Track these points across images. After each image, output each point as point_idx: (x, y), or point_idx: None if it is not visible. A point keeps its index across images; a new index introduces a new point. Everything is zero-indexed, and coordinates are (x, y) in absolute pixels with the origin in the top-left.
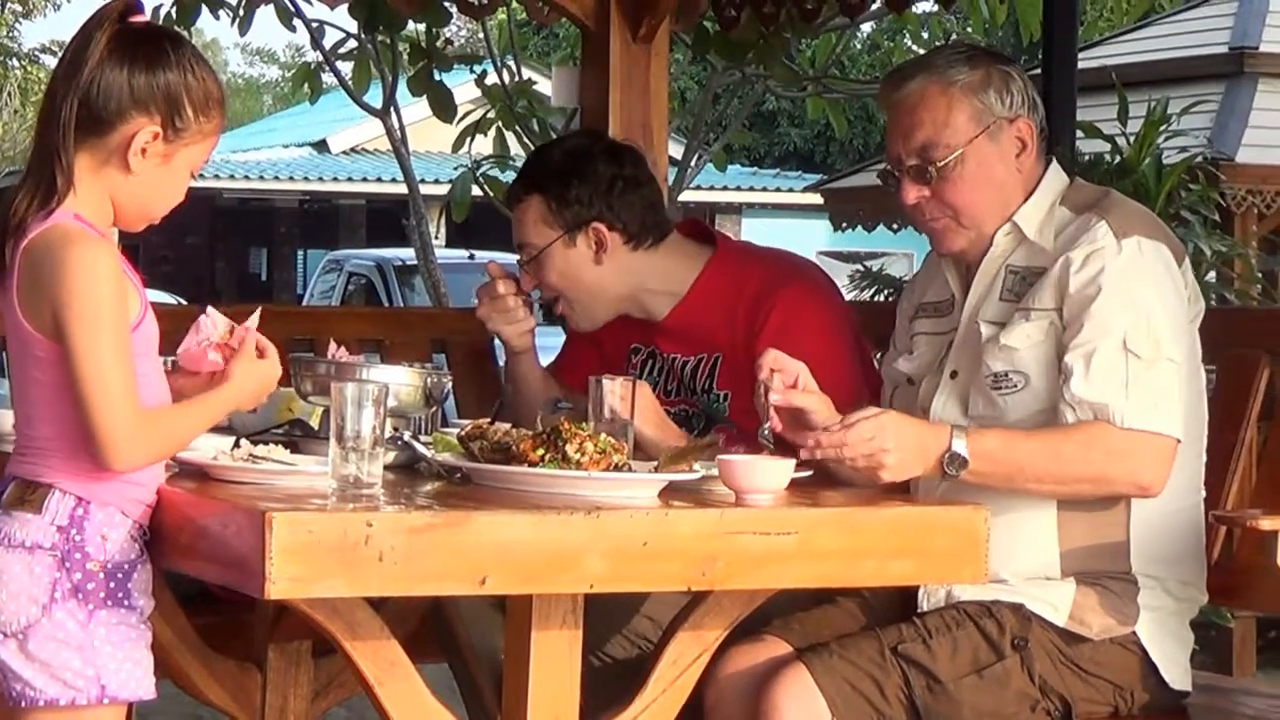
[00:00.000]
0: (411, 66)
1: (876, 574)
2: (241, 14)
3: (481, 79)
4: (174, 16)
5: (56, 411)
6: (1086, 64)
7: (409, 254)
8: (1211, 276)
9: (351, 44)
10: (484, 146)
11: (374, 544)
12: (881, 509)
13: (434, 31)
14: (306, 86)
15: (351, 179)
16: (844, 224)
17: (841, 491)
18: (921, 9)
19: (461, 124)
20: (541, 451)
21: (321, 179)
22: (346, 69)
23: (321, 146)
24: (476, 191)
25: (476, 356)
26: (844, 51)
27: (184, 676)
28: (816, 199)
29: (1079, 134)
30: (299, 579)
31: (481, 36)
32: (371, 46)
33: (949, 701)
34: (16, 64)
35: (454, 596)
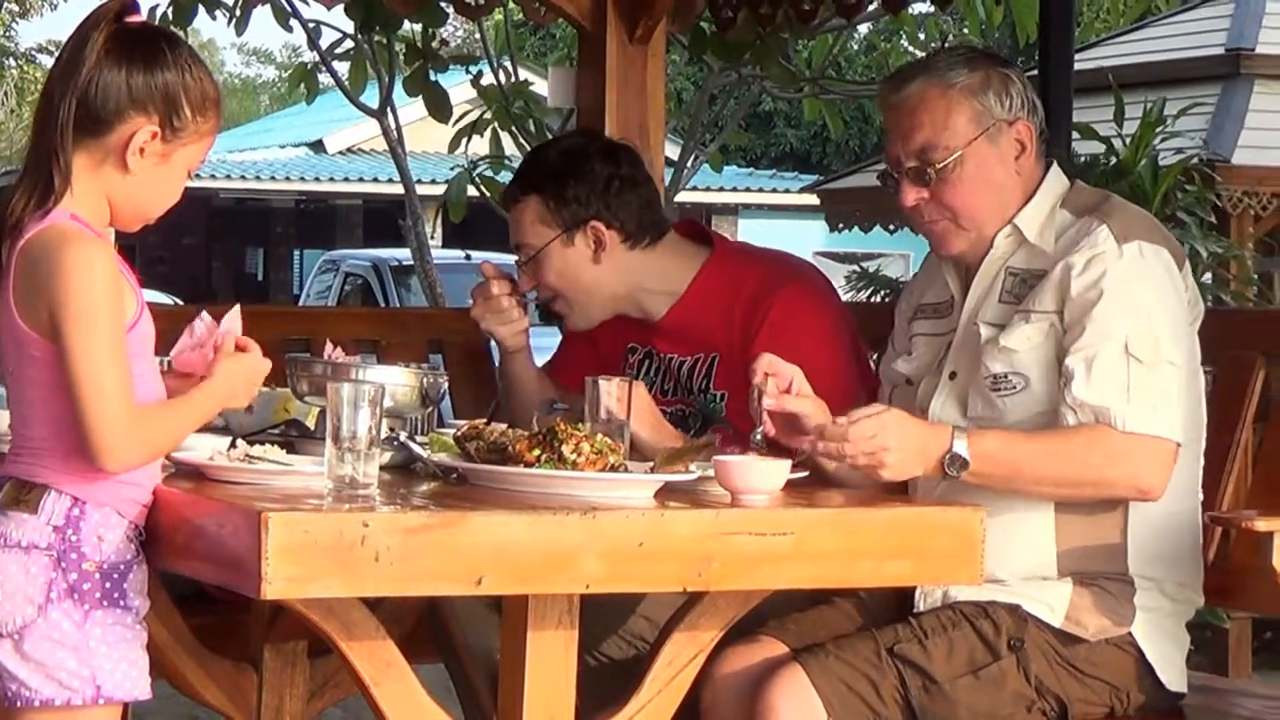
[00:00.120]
0: (408, 67)
1: (872, 575)
2: (238, 14)
3: (477, 79)
4: (170, 16)
5: (52, 411)
6: (1083, 65)
7: (405, 254)
8: (1207, 278)
9: (348, 44)
10: (480, 147)
11: (370, 544)
12: (877, 510)
13: (430, 32)
14: (303, 87)
15: (348, 179)
16: (840, 225)
17: (837, 492)
18: (918, 10)
19: (458, 125)
20: (537, 452)
21: (318, 179)
22: (343, 69)
23: (318, 147)
24: (473, 192)
25: (473, 357)
26: (840, 52)
27: (179, 677)
28: (813, 200)
29: (1075, 135)
30: (295, 579)
31: (478, 37)
32: (368, 47)
33: (945, 702)
34: (13, 64)
35: (450, 597)
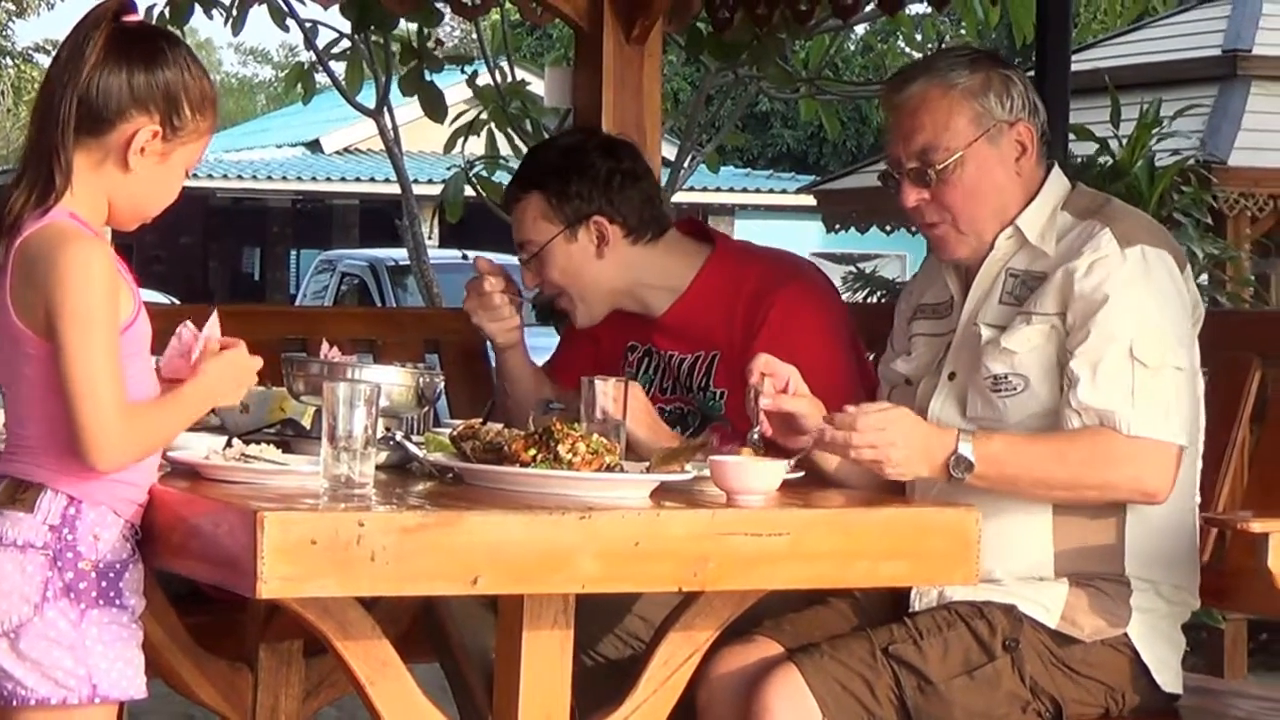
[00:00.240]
0: (403, 67)
1: (868, 575)
2: (234, 14)
3: (473, 79)
4: (167, 16)
5: (48, 410)
6: (1080, 66)
7: (402, 254)
8: (1203, 279)
9: (345, 44)
10: (477, 147)
11: (366, 544)
12: (873, 510)
13: (425, 32)
14: (300, 86)
15: (345, 179)
16: (837, 225)
17: (833, 493)
18: (915, 10)
19: (454, 125)
20: (533, 452)
21: (315, 179)
22: (340, 69)
23: (315, 146)
24: (469, 192)
25: (469, 357)
26: (837, 53)
27: (175, 676)
28: (809, 200)
29: (1071, 136)
30: (290, 578)
31: (475, 37)
32: (364, 46)
33: (940, 702)
34: (10, 63)
35: (446, 596)
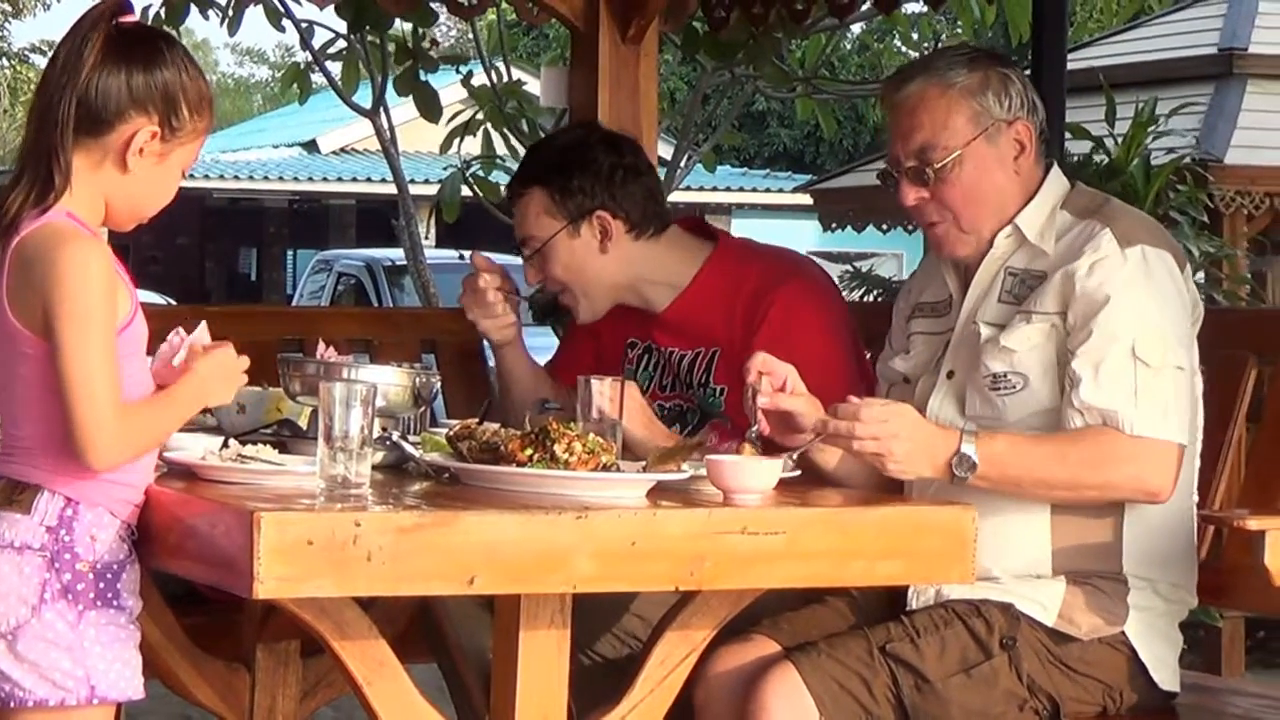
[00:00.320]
0: (398, 67)
1: (864, 574)
2: (230, 14)
3: (468, 79)
4: (163, 16)
5: (44, 410)
6: (1076, 65)
7: (398, 254)
8: (1200, 277)
9: (341, 44)
10: (473, 147)
11: (362, 544)
12: (869, 509)
13: (420, 32)
14: (296, 87)
15: (341, 179)
16: (833, 224)
17: (830, 492)
18: (911, 10)
19: (450, 124)
20: (530, 451)
21: (311, 179)
22: (336, 69)
23: (311, 147)
24: (466, 192)
25: (465, 357)
26: (834, 52)
27: (172, 676)
28: (806, 199)
29: (1067, 135)
30: (287, 579)
31: (471, 37)
32: (360, 47)
33: (937, 701)
34: (6, 63)
35: (442, 596)
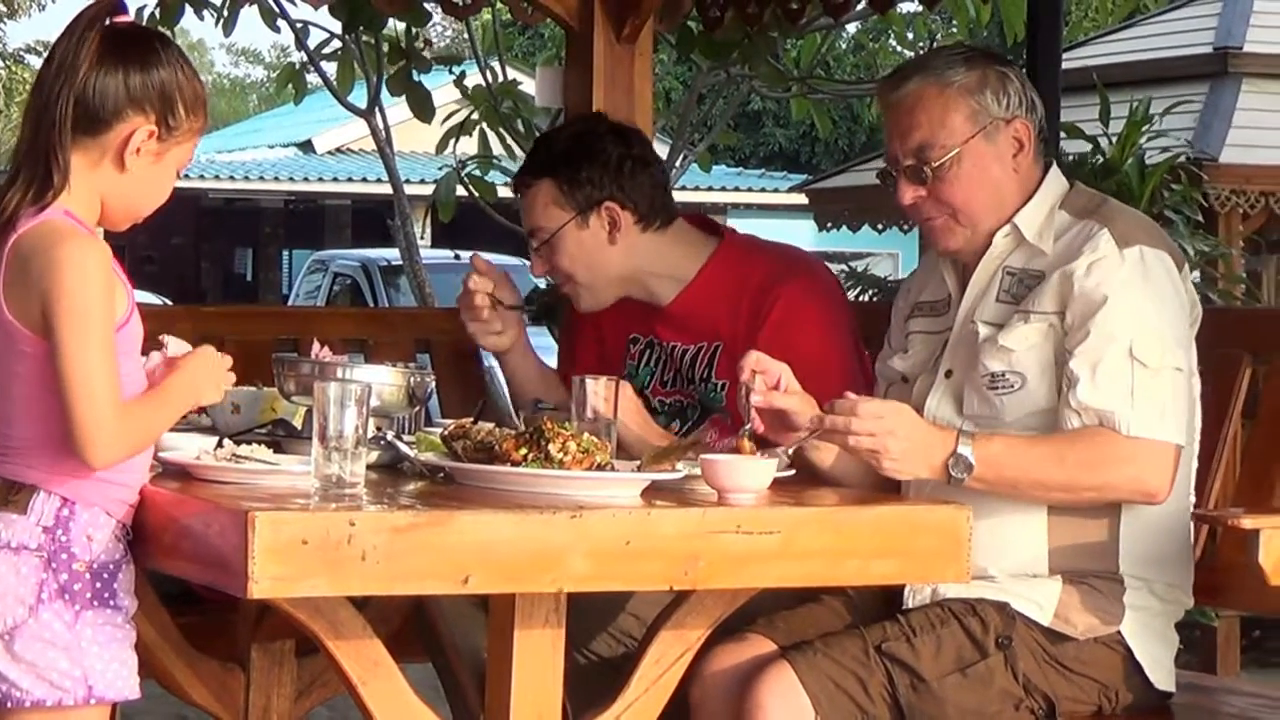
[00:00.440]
0: (392, 67)
1: (859, 574)
2: (225, 14)
3: (460, 80)
4: (158, 17)
5: (41, 409)
6: (1071, 64)
7: (394, 254)
8: (1195, 276)
9: (336, 44)
10: (469, 147)
11: (357, 543)
12: (864, 509)
13: (413, 32)
14: (291, 87)
15: (337, 179)
16: (829, 224)
17: (825, 491)
18: (906, 9)
19: (445, 124)
20: (524, 451)
21: (307, 179)
22: (331, 69)
23: (307, 147)
24: (461, 192)
25: (460, 356)
26: (829, 52)
27: (167, 676)
28: (801, 199)
29: (1062, 134)
30: (281, 578)
31: (466, 37)
32: (355, 47)
33: (933, 700)
34: (1, 64)
35: (437, 596)
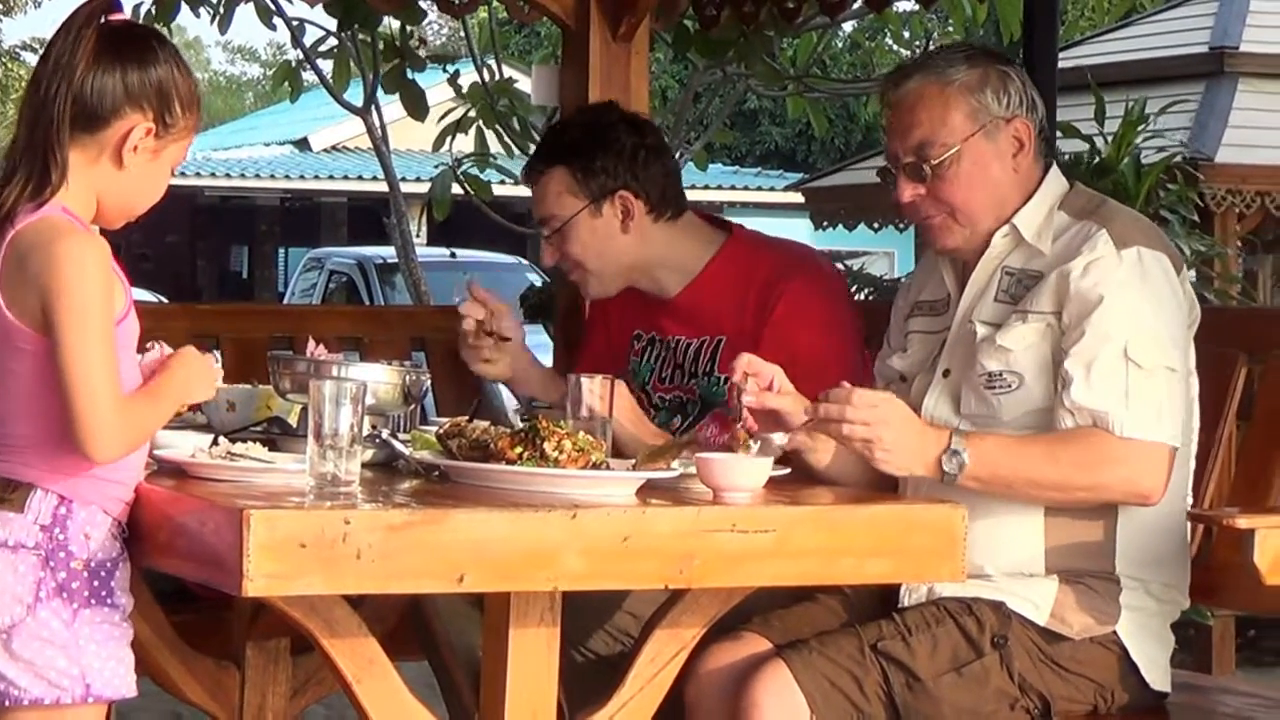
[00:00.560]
0: (386, 65)
1: (854, 572)
2: (221, 12)
3: (454, 79)
4: (154, 13)
5: (38, 406)
6: (1067, 64)
7: (390, 252)
8: (1191, 275)
9: (332, 42)
10: (465, 145)
11: (352, 541)
12: (859, 508)
13: (407, 30)
14: (287, 84)
15: (333, 177)
16: (825, 223)
17: (820, 490)
18: (902, 8)
19: (441, 122)
20: (520, 449)
21: (303, 177)
22: (327, 67)
23: (303, 144)
24: (457, 190)
25: (455, 355)
26: (825, 50)
27: (162, 674)
28: (798, 198)
29: (1058, 134)
30: (276, 576)
31: (463, 35)
32: (351, 45)
33: (928, 699)
34: None
35: (432, 594)
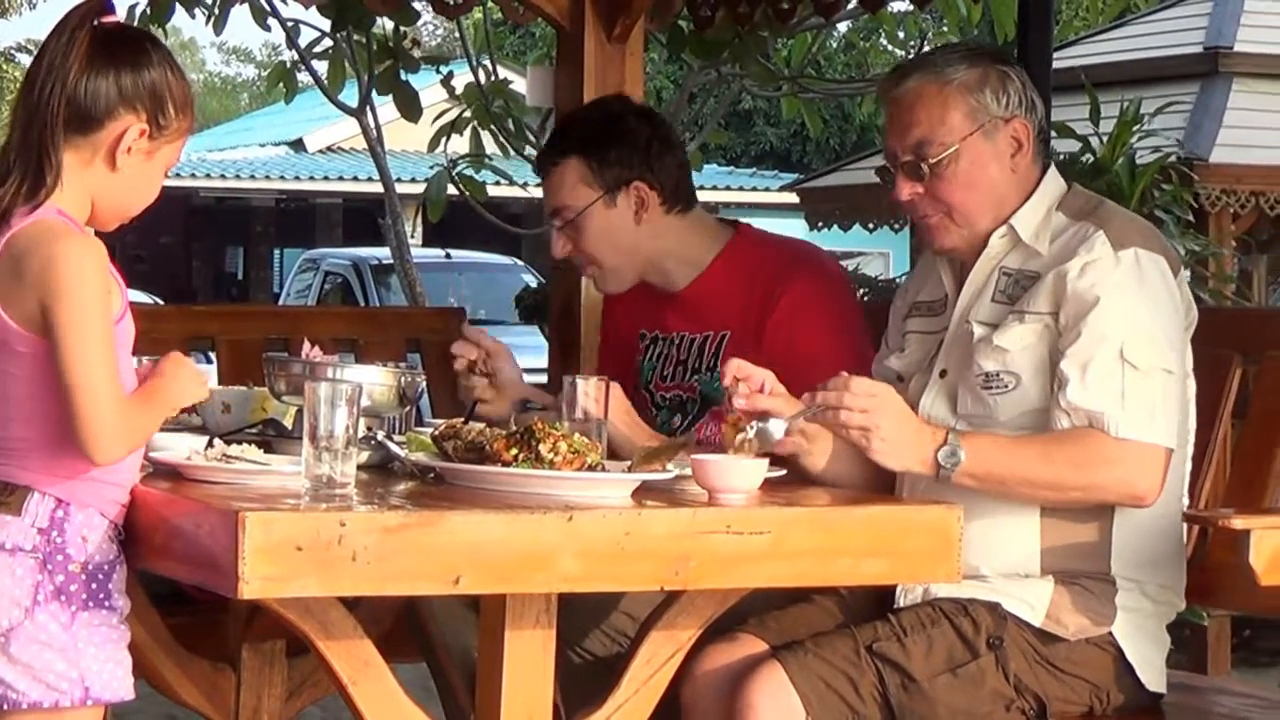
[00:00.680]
0: (380, 66)
1: (850, 573)
2: (216, 13)
3: (448, 80)
4: (149, 15)
5: (35, 409)
6: (1062, 64)
7: (385, 253)
8: (1186, 276)
9: (327, 43)
10: (460, 145)
11: (347, 544)
12: (854, 509)
13: (401, 31)
14: (282, 85)
15: (328, 178)
16: (820, 223)
17: (815, 491)
18: (897, 8)
19: (436, 123)
20: (515, 451)
21: (298, 178)
22: (322, 68)
23: (298, 145)
24: (452, 190)
25: (450, 357)
26: (819, 51)
27: (158, 676)
28: (792, 198)
29: (1053, 134)
30: (272, 579)
31: (458, 36)
32: (346, 45)
33: (923, 700)
34: None
35: (428, 596)
